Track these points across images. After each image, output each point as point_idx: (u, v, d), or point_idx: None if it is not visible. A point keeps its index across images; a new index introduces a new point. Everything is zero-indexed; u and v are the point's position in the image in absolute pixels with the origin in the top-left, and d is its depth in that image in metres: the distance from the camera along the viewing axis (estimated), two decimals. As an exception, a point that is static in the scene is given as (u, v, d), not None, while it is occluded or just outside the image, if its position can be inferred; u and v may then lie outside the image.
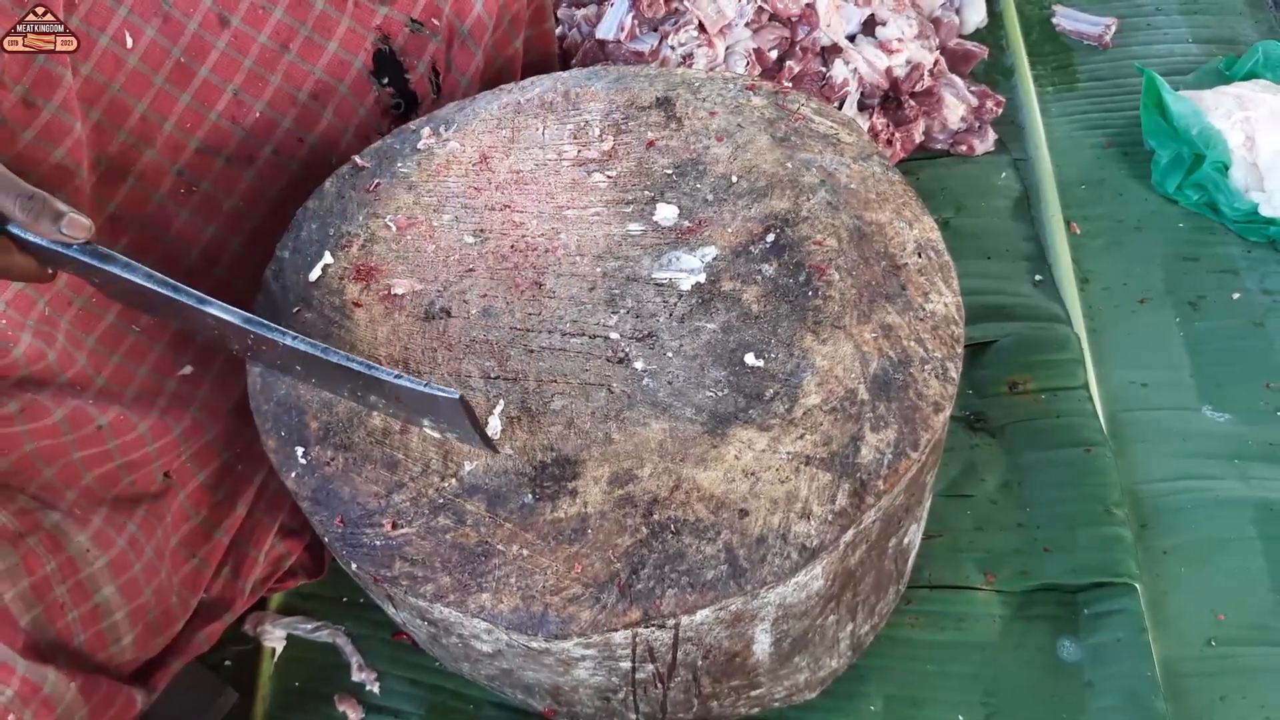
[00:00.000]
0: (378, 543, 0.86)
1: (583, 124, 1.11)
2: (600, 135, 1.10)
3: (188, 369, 1.09)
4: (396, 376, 0.82)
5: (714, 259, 0.99)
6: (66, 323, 0.99)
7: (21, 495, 0.92)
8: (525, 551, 0.84)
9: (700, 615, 0.81)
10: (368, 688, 1.20)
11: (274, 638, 1.23)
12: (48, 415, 0.96)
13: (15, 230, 0.79)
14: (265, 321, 0.84)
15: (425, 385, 0.81)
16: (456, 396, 0.79)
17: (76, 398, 0.99)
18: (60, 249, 0.80)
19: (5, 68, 0.92)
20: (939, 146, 1.68)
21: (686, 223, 1.01)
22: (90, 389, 1.01)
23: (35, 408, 0.95)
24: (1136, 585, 1.19)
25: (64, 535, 0.94)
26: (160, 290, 0.82)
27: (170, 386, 1.08)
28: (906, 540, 1.03)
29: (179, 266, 1.08)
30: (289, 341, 0.84)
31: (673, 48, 1.53)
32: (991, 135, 1.67)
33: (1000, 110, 1.68)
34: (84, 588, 0.95)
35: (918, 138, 1.64)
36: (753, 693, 1.01)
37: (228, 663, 1.23)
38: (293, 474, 0.91)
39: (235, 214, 1.12)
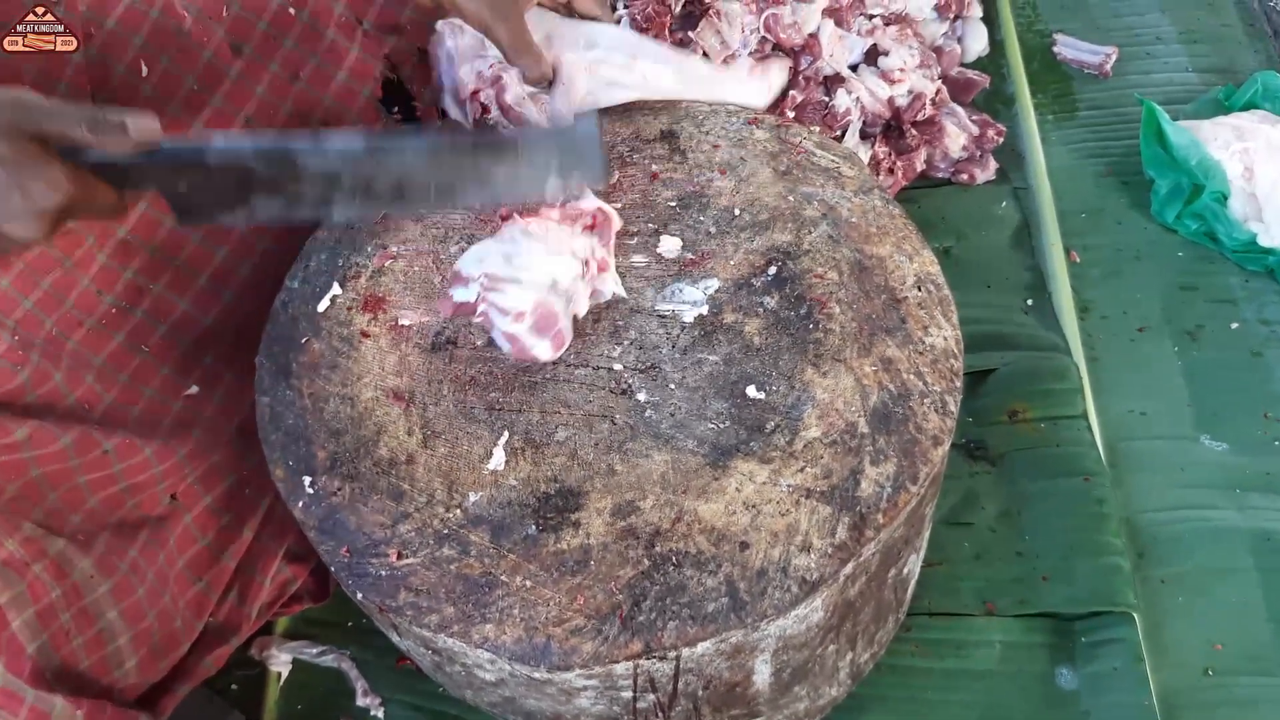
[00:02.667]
0: (383, 572, 0.87)
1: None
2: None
3: (193, 389, 1.10)
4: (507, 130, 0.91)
5: (716, 291, 1.00)
6: (75, 343, 1.00)
7: (26, 524, 0.93)
8: (528, 583, 0.85)
9: (701, 647, 0.82)
10: (372, 713, 1.21)
11: (279, 662, 1.24)
12: (55, 441, 0.97)
13: (95, 157, 0.78)
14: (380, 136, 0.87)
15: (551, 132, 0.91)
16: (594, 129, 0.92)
17: (82, 422, 1.00)
18: (142, 160, 0.79)
19: None
20: (940, 175, 1.69)
21: (689, 255, 1.03)
22: (97, 409, 1.02)
23: (42, 433, 0.96)
24: (1134, 614, 1.20)
25: (68, 562, 0.95)
26: (243, 147, 0.82)
27: (176, 407, 1.08)
28: (906, 570, 1.04)
29: (189, 291, 1.09)
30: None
31: (677, 77, 1.55)
32: (992, 164, 1.68)
33: (1001, 139, 1.69)
34: (88, 613, 0.96)
35: (919, 166, 1.66)
36: (753, 721, 1.02)
37: (234, 687, 1.24)
38: (300, 503, 0.92)
39: (244, 238, 1.13)
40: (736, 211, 1.06)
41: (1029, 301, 1.52)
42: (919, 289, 0.99)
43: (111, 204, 0.81)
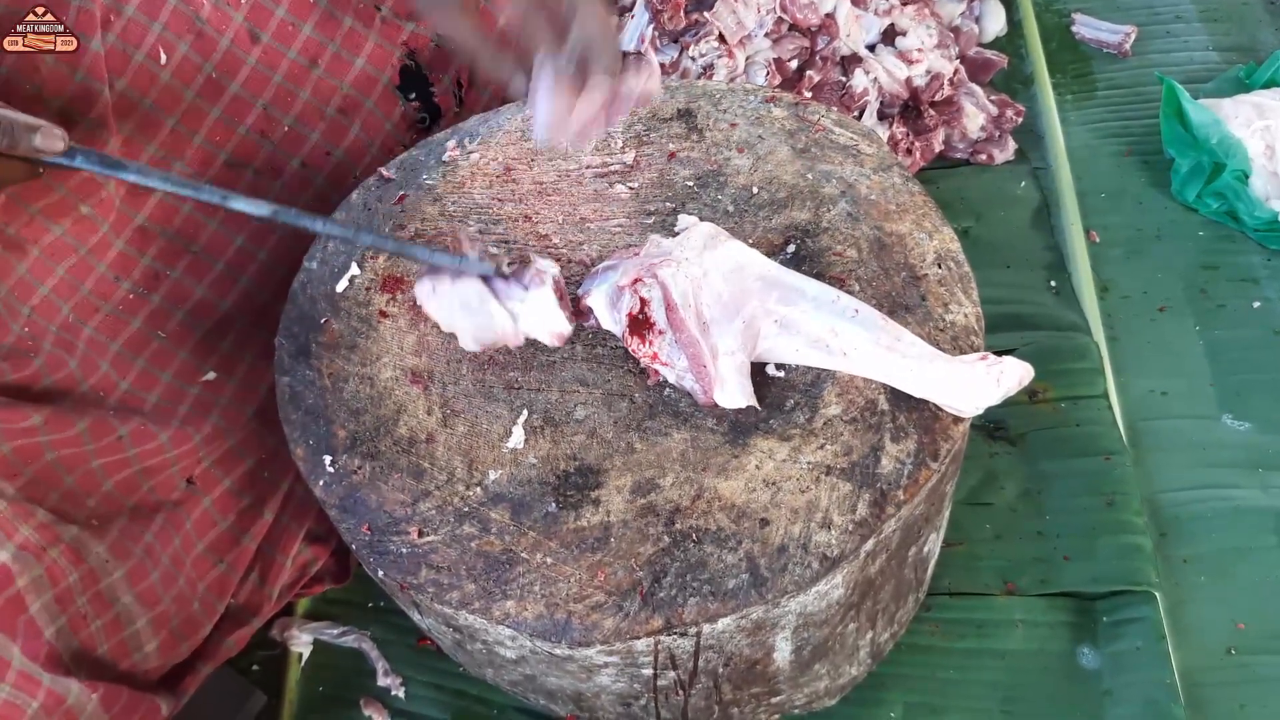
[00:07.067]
0: (404, 550, 0.87)
1: (605, 136, 1.12)
2: (622, 147, 1.11)
3: (211, 375, 1.10)
4: (432, 252, 0.89)
5: (735, 270, 0.99)
6: (91, 329, 1.01)
7: (41, 509, 0.92)
8: (549, 559, 0.85)
9: (721, 624, 0.82)
10: (393, 693, 1.21)
11: (301, 643, 1.25)
12: (71, 426, 0.97)
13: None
14: (291, 209, 0.85)
15: (460, 260, 0.89)
16: (491, 271, 0.89)
17: (98, 408, 1.00)
18: (63, 161, 0.79)
19: (44, 84, 0.95)
20: (959, 156, 1.68)
21: (708, 234, 1.02)
22: (114, 395, 1.02)
23: (58, 418, 0.96)
24: (1156, 594, 1.19)
25: (84, 546, 0.95)
26: (181, 191, 0.82)
27: (193, 392, 1.09)
28: (926, 549, 1.04)
29: (206, 276, 1.10)
30: (320, 228, 0.87)
31: (693, 59, 1.54)
32: (1011, 144, 1.67)
33: (1020, 119, 1.68)
34: (104, 598, 0.96)
35: (937, 147, 1.65)
36: (773, 699, 1.02)
37: (256, 667, 1.25)
38: (321, 482, 0.92)
39: (262, 225, 1.14)
40: (755, 190, 1.05)
41: (1051, 282, 1.51)
42: (939, 266, 0.98)
43: (20, 171, 0.79)
